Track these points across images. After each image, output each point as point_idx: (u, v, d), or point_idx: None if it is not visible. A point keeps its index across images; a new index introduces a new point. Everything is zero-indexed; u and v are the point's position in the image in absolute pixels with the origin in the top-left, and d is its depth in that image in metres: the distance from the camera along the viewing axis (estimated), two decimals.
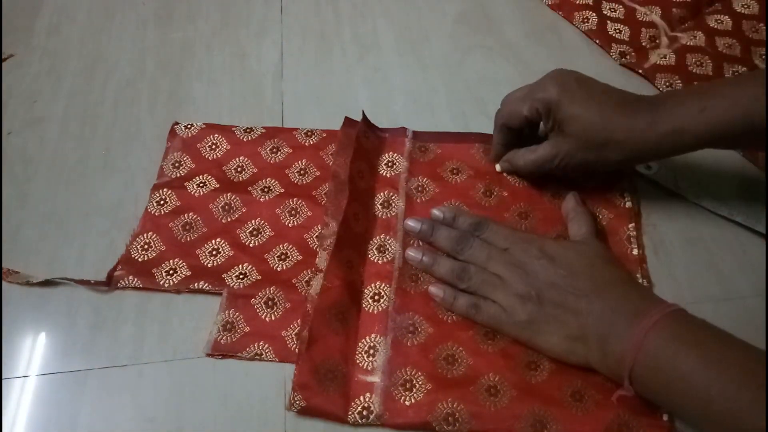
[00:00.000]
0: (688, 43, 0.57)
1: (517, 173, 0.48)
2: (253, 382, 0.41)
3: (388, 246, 0.46)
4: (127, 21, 0.63)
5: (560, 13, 0.61)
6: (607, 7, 0.61)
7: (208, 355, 0.41)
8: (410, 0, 0.63)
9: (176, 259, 0.45)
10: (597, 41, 0.58)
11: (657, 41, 0.58)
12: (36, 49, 0.61)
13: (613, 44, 0.57)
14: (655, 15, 0.60)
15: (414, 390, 0.39)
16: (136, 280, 0.44)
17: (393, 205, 0.48)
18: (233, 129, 0.53)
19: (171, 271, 0.44)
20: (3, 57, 0.60)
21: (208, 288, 0.44)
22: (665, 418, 0.37)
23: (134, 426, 0.39)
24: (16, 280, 0.45)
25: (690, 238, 0.46)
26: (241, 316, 0.42)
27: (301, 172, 0.50)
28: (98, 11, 0.64)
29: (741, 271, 0.44)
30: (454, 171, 0.50)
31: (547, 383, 0.39)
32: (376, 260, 0.45)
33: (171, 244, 0.46)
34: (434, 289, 0.42)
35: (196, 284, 0.44)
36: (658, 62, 0.56)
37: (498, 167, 0.49)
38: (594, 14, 0.60)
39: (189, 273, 0.44)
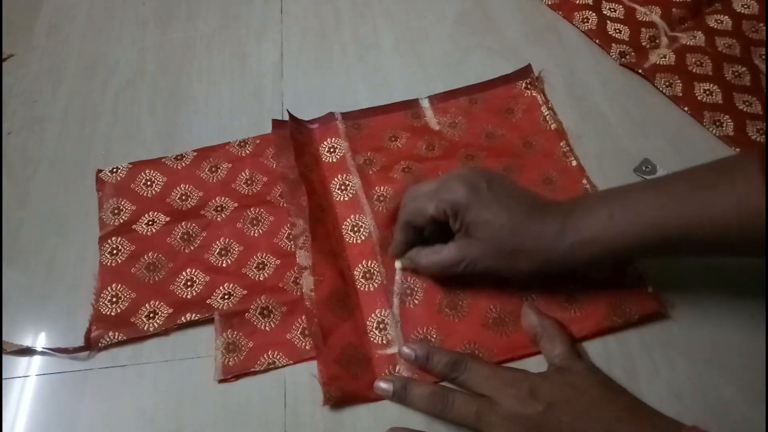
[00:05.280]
0: (688, 43, 0.57)
1: (418, 272, 0.44)
2: (253, 381, 0.41)
3: (361, 224, 0.46)
4: (127, 21, 0.63)
5: (560, 13, 0.61)
6: (607, 7, 0.61)
7: (221, 381, 0.41)
8: (410, 0, 0.63)
9: (152, 302, 0.44)
10: (597, 41, 0.58)
11: (657, 41, 0.58)
12: (36, 49, 0.61)
13: (613, 44, 0.57)
14: (654, 15, 0.60)
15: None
16: (117, 334, 0.42)
17: (349, 184, 0.49)
18: (163, 160, 0.51)
19: (151, 314, 0.43)
20: (3, 57, 0.60)
21: (197, 318, 0.43)
22: (650, 289, 0.42)
23: (134, 426, 0.39)
24: None
25: None
26: (240, 334, 0.42)
27: (248, 182, 0.50)
28: (98, 11, 0.64)
29: (741, 271, 0.44)
30: (392, 138, 0.52)
31: (543, 300, 0.42)
32: (354, 241, 0.46)
33: (140, 288, 0.44)
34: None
35: (183, 318, 0.43)
36: (657, 62, 0.56)
37: (398, 264, 0.44)
38: (594, 14, 0.60)
39: (171, 310, 0.43)
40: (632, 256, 0.41)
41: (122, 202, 0.49)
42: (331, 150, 0.51)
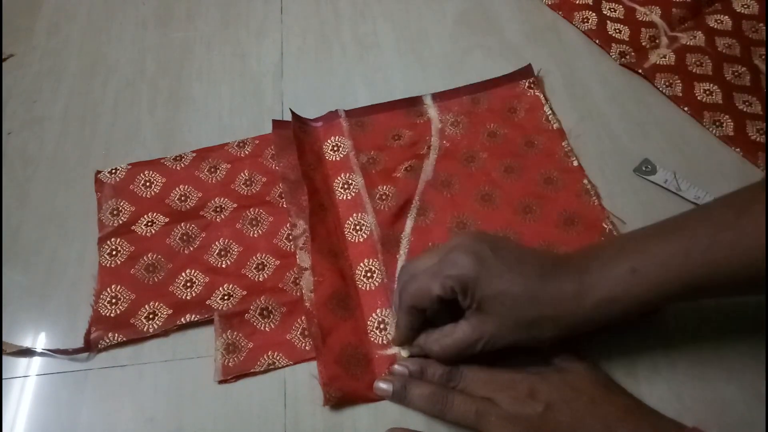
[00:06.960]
0: (688, 43, 0.57)
1: (432, 358, 0.39)
2: (253, 382, 0.41)
3: (363, 222, 0.46)
4: (127, 21, 0.63)
5: (560, 13, 0.61)
6: (607, 7, 0.61)
7: (221, 381, 0.41)
8: (410, 0, 0.63)
9: (152, 303, 0.44)
10: (597, 41, 0.58)
11: (657, 41, 0.58)
12: (36, 49, 0.61)
13: (613, 44, 0.57)
14: (654, 15, 0.60)
15: None
16: (116, 335, 0.42)
17: (352, 183, 0.49)
18: (162, 161, 0.51)
19: (151, 315, 0.43)
20: (3, 57, 0.60)
21: (197, 319, 0.43)
22: None
23: (134, 426, 0.39)
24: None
25: None
26: (240, 335, 0.42)
27: (247, 182, 0.49)
28: (98, 11, 0.64)
29: None
30: (396, 137, 0.52)
31: None
32: (356, 240, 0.46)
33: (140, 289, 0.44)
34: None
35: (182, 319, 0.43)
36: (657, 62, 0.56)
37: (404, 353, 0.41)
38: (594, 14, 0.60)
39: (171, 311, 0.43)
40: (658, 307, 0.40)
41: (121, 203, 0.49)
42: (335, 148, 0.51)
